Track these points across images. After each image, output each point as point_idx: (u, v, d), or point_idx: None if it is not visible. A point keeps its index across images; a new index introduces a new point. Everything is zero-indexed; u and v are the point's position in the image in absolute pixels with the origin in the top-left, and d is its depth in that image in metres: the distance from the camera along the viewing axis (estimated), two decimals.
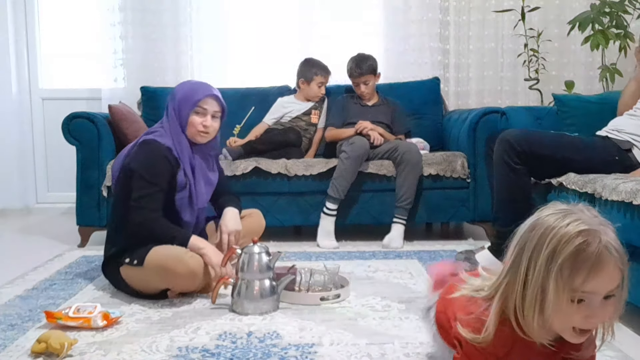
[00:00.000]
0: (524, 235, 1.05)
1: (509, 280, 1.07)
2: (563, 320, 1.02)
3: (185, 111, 2.21)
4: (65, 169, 4.05)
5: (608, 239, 1.00)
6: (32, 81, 4.42)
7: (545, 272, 0.99)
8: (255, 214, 2.55)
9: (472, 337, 1.10)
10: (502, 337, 1.08)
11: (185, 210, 2.25)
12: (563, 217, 1.02)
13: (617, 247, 1.00)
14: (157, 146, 2.17)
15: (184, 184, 2.22)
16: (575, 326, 1.02)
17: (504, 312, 1.07)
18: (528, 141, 2.35)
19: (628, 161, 2.31)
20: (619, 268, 1.00)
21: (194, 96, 2.22)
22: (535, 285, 1.01)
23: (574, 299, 1.00)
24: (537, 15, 3.88)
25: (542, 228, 1.02)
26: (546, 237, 1.00)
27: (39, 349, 1.65)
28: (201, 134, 2.23)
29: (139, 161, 2.16)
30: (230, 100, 3.77)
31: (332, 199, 3.05)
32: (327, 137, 3.43)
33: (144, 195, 2.12)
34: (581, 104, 2.99)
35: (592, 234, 0.99)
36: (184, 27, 4.10)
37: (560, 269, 0.98)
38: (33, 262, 2.78)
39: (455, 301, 1.19)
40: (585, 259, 0.98)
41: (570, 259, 0.98)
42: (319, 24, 4.12)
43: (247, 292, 2.01)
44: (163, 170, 2.16)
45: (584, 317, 1.01)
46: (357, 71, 3.38)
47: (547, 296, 1.00)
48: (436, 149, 3.46)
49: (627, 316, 1.95)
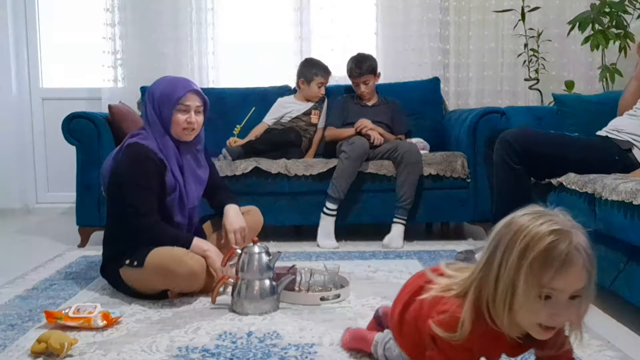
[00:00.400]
0: (499, 232, 1.10)
1: (482, 275, 1.11)
2: (530, 317, 1.06)
3: (167, 111, 2.16)
4: (65, 169, 4.05)
5: (579, 241, 1.04)
6: (32, 81, 4.42)
7: (517, 268, 1.04)
8: (253, 211, 2.54)
9: (448, 335, 1.12)
10: (478, 332, 1.11)
11: (177, 212, 2.23)
12: (537, 217, 1.07)
13: (587, 249, 1.05)
14: (141, 149, 2.14)
15: (174, 186, 2.19)
16: (541, 323, 1.06)
17: (478, 307, 1.11)
18: (528, 141, 2.35)
19: (628, 161, 2.31)
20: (587, 269, 1.04)
21: (174, 94, 2.17)
22: (506, 279, 1.05)
23: (541, 295, 1.04)
24: (537, 15, 3.88)
25: (516, 226, 1.07)
26: (520, 235, 1.05)
27: (39, 349, 1.65)
28: (186, 131, 2.20)
29: (125, 166, 2.13)
30: (230, 100, 3.81)
31: (332, 199, 3.05)
32: (327, 136, 3.44)
33: (138, 201, 2.10)
34: (581, 104, 2.99)
35: (563, 234, 1.04)
36: (183, 27, 4.10)
37: (531, 265, 1.03)
38: (33, 262, 2.78)
39: (426, 302, 1.21)
40: (555, 256, 1.02)
41: (540, 256, 1.02)
42: (319, 23, 4.13)
43: (247, 292, 2.01)
44: (151, 171, 2.13)
45: (549, 314, 1.05)
46: (356, 71, 3.38)
47: (517, 290, 1.04)
48: (436, 149, 3.46)
49: (627, 316, 1.95)
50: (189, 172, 2.26)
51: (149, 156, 2.14)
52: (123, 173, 2.13)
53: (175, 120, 2.17)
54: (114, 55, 4.12)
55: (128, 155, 2.14)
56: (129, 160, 2.13)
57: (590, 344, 1.69)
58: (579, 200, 2.12)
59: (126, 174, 2.12)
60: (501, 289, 1.06)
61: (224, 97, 3.77)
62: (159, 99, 2.19)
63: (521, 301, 1.04)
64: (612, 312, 2.01)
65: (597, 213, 1.99)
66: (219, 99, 3.68)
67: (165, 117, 2.18)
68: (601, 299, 2.12)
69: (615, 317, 1.97)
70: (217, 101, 3.61)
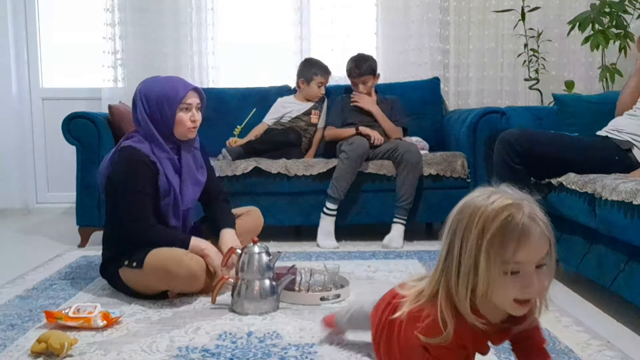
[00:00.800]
0: (454, 219, 1.11)
1: (447, 266, 1.11)
2: (502, 295, 1.07)
3: (171, 111, 2.15)
4: (65, 169, 4.05)
5: (531, 210, 1.06)
6: (32, 81, 4.42)
7: (477, 249, 1.05)
8: (253, 211, 2.54)
9: (437, 339, 1.11)
10: (465, 326, 1.11)
11: (171, 215, 2.22)
12: (488, 196, 1.09)
13: (541, 217, 1.07)
14: (134, 152, 2.14)
15: (167, 190, 2.18)
16: (516, 297, 1.07)
17: (452, 300, 1.11)
18: (528, 141, 2.35)
19: (628, 161, 2.31)
20: (546, 236, 1.06)
21: (176, 94, 2.16)
22: (468, 263, 1.06)
23: (507, 271, 1.05)
24: (537, 15, 3.87)
25: (469, 209, 1.08)
26: (474, 217, 1.06)
27: (39, 349, 1.65)
28: (191, 129, 2.21)
29: (119, 170, 2.13)
30: (230, 100, 3.81)
31: (332, 199, 3.05)
32: (327, 136, 3.44)
33: (133, 205, 2.10)
34: (581, 104, 2.98)
35: (515, 206, 1.05)
36: (184, 27, 4.09)
37: (491, 243, 1.04)
38: (33, 262, 2.78)
39: (403, 321, 1.19)
40: (512, 230, 1.04)
41: (498, 233, 1.04)
42: (319, 23, 4.12)
43: (247, 292, 2.01)
44: (145, 174, 2.13)
45: (521, 288, 1.05)
46: (356, 71, 3.38)
47: (479, 271, 1.05)
48: (436, 149, 3.46)
49: (627, 316, 1.95)
50: (187, 174, 2.25)
51: (141, 159, 2.13)
52: (117, 177, 2.13)
53: (179, 120, 2.17)
54: (114, 55, 4.11)
55: (121, 159, 2.14)
56: (122, 164, 2.13)
57: (590, 344, 1.70)
58: (579, 200, 2.12)
59: (120, 178, 2.12)
60: (463, 273, 1.06)
61: (224, 97, 3.77)
62: (158, 100, 2.16)
63: (486, 281, 1.04)
64: (612, 312, 2.01)
65: (597, 213, 1.99)
66: (219, 99, 3.68)
67: (167, 118, 2.16)
68: (601, 299, 2.14)
69: (615, 317, 1.97)
70: (217, 101, 3.62)
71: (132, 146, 2.15)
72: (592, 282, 2.17)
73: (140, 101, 2.18)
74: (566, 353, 1.63)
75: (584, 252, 2.16)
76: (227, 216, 2.36)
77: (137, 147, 2.15)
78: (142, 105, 2.18)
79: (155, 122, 2.17)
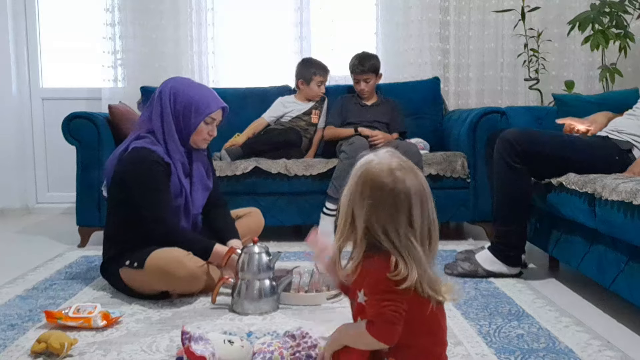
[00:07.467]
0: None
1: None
2: None
3: (196, 119, 2.18)
4: (65, 169, 4.05)
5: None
6: (32, 81, 4.42)
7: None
8: (254, 212, 2.54)
9: (393, 273, 1.21)
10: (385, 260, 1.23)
11: (181, 218, 2.22)
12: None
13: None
14: (149, 154, 2.13)
15: (179, 191, 2.19)
16: None
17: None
18: (528, 141, 2.35)
19: (628, 161, 2.31)
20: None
21: (207, 108, 2.19)
22: None
23: None
24: (537, 15, 3.88)
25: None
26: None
27: (39, 349, 1.65)
28: (206, 141, 2.25)
29: (134, 170, 2.12)
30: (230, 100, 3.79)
31: (332, 199, 3.05)
32: (326, 135, 3.44)
33: (154, 204, 2.10)
34: (581, 104, 2.98)
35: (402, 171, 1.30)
36: (184, 27, 4.10)
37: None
38: (33, 262, 2.78)
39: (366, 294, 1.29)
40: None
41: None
42: (319, 23, 4.13)
43: (247, 292, 2.01)
44: (162, 175, 2.14)
45: None
46: (359, 68, 3.38)
47: None
48: (436, 149, 3.46)
49: (627, 316, 1.95)
50: (198, 179, 2.27)
51: (155, 159, 2.13)
52: (134, 177, 2.11)
53: (199, 130, 2.20)
54: (114, 55, 4.12)
55: (135, 159, 2.12)
56: (137, 164, 2.12)
57: (590, 344, 1.70)
58: (579, 200, 2.12)
59: (139, 179, 2.11)
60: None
61: (224, 97, 3.65)
62: (187, 104, 2.18)
63: None
64: (612, 312, 2.01)
65: (597, 213, 1.99)
66: None
67: (189, 124, 2.18)
68: (601, 299, 2.14)
69: (615, 317, 1.97)
70: None
71: (147, 148, 2.14)
72: (592, 282, 2.17)
73: (168, 98, 2.18)
74: (566, 353, 1.63)
75: (584, 252, 2.16)
76: (232, 226, 2.36)
77: (152, 149, 2.14)
78: (170, 103, 2.18)
79: (177, 123, 2.18)
